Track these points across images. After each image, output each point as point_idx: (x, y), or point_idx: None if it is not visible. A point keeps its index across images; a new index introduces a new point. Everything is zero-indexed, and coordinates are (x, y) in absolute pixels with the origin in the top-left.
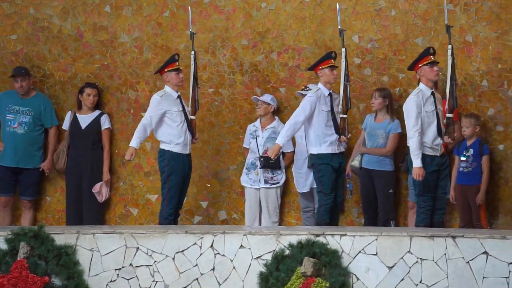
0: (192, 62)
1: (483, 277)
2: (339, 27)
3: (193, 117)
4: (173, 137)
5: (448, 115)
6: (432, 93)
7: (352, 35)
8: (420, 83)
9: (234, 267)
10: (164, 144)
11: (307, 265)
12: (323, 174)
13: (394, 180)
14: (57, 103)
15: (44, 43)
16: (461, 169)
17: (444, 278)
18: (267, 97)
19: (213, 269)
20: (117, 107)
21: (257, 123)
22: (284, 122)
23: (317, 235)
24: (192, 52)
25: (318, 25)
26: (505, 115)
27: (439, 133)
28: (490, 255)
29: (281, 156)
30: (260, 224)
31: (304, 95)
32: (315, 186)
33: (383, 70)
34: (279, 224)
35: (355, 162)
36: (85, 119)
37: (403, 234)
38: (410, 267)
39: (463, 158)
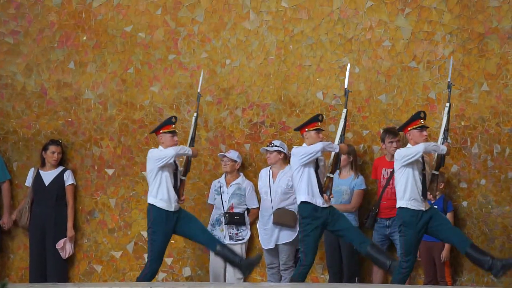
0: (193, 123)
1: None
2: (345, 87)
3: (183, 178)
4: (159, 193)
5: (434, 171)
6: (421, 157)
7: (316, 91)
8: (408, 144)
9: None
10: (151, 198)
11: None
12: (307, 234)
13: None
14: (21, 159)
15: (8, 100)
16: None
17: None
18: (233, 154)
19: None
20: (81, 163)
21: (222, 179)
22: (248, 178)
23: None
24: (195, 114)
25: (282, 81)
26: (469, 172)
27: (424, 193)
28: None
29: (245, 212)
30: (225, 280)
31: (269, 151)
32: (280, 243)
33: (347, 126)
34: (244, 281)
35: None
36: (48, 176)
37: None
38: None
39: None
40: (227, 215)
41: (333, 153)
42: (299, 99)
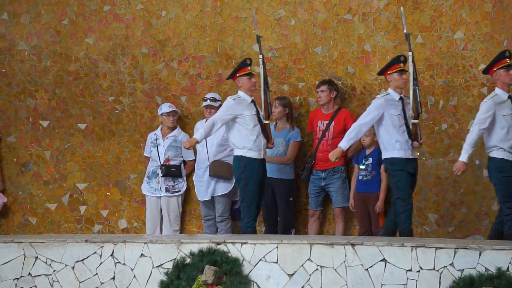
0: (261, 66)
1: (382, 284)
2: (405, 31)
3: (266, 122)
4: (246, 142)
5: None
6: (509, 97)
7: (253, 43)
8: (496, 88)
9: (134, 276)
10: (238, 150)
11: (208, 274)
12: (399, 179)
13: (294, 188)
14: None
15: None
16: (360, 177)
17: (343, 285)
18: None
19: (113, 278)
20: (15, 115)
21: (158, 131)
22: (184, 131)
23: (218, 243)
24: (260, 56)
25: (218, 33)
26: None
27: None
28: (389, 262)
29: (182, 164)
30: (161, 232)
31: (214, 107)
32: (216, 194)
33: (283, 79)
34: (180, 233)
35: None
36: None
37: (304, 242)
38: (310, 275)
39: (362, 167)
40: (163, 167)
41: (411, 100)
42: (235, 51)
